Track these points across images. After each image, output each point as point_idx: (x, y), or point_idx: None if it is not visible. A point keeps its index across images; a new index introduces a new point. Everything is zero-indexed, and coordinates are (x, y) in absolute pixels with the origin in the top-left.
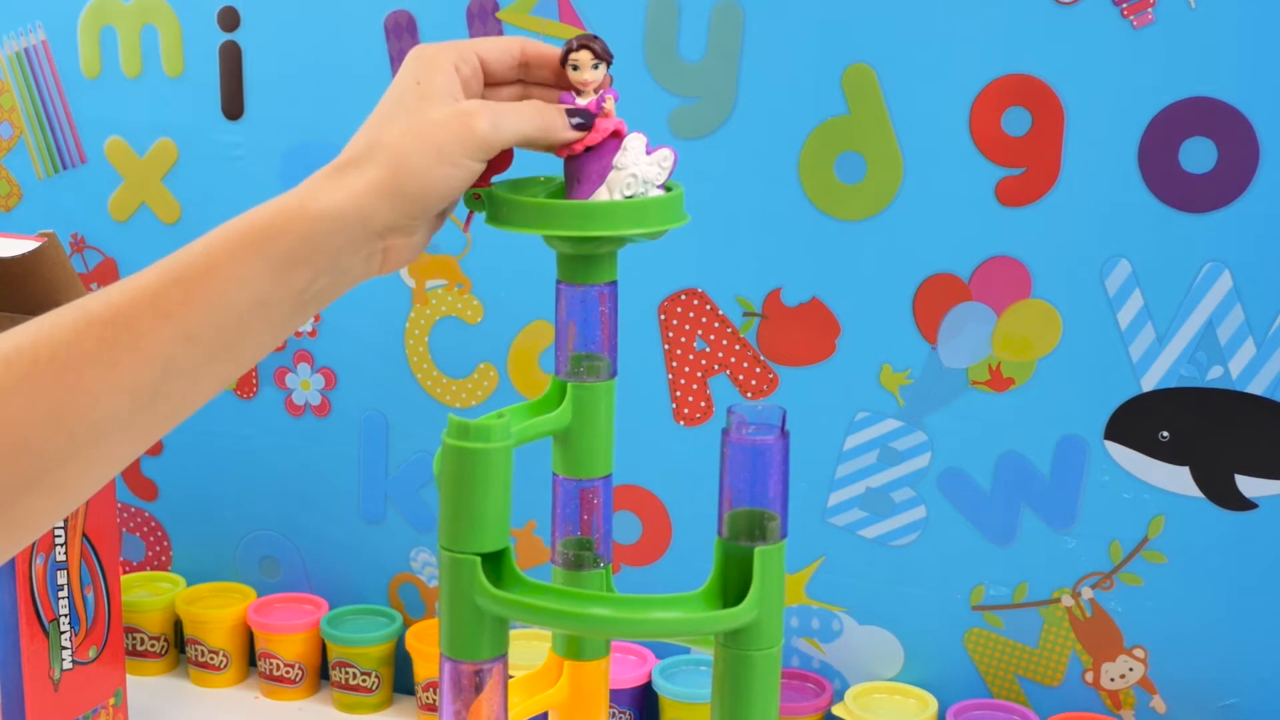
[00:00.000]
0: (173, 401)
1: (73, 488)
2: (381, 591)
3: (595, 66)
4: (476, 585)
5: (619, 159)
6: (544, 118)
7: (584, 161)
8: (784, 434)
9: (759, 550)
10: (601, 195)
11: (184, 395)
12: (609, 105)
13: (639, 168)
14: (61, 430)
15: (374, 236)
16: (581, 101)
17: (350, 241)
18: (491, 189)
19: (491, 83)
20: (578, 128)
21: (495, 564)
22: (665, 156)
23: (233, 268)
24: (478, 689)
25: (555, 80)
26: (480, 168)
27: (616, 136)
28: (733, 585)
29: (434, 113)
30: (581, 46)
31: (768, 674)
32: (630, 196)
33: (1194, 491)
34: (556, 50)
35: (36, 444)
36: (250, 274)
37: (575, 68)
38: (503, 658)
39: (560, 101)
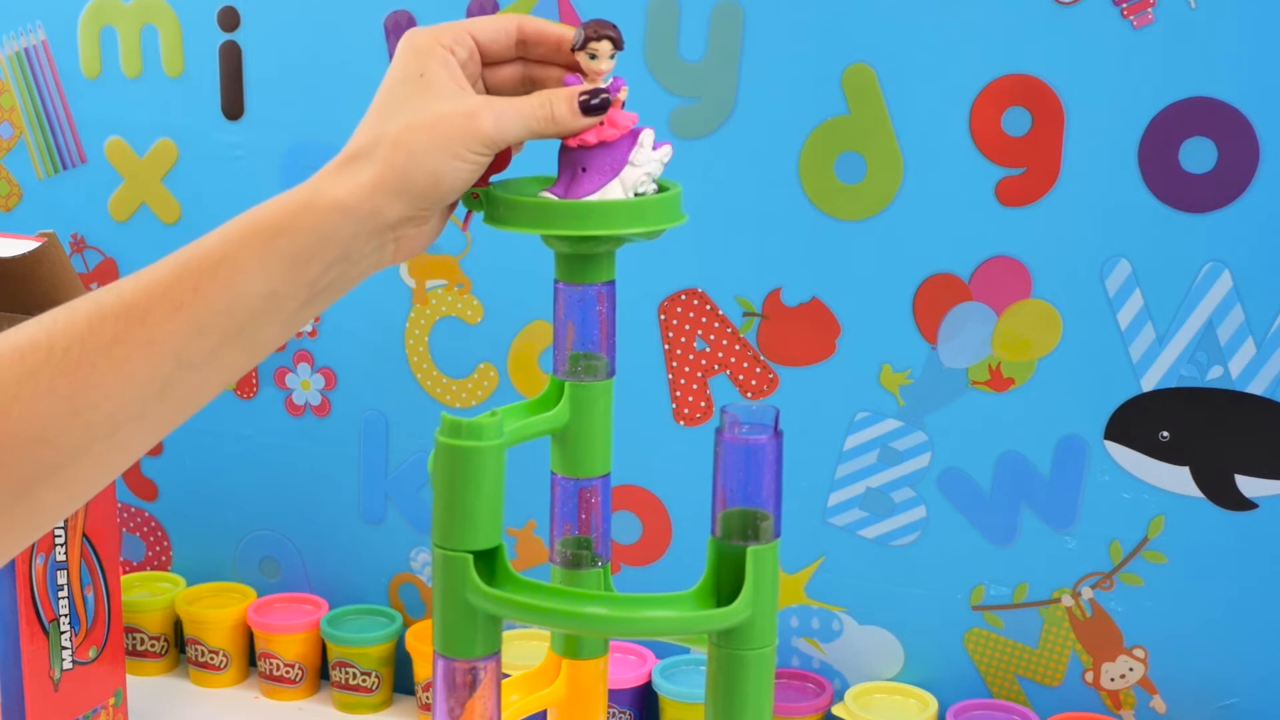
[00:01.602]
0: (185, 393)
1: (86, 480)
2: (381, 591)
3: (612, 56)
4: (469, 583)
5: (635, 155)
6: (552, 109)
7: (595, 154)
8: (777, 433)
9: (752, 550)
10: (614, 190)
11: (196, 387)
12: (624, 96)
13: (651, 165)
14: (77, 422)
15: (385, 229)
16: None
17: (361, 234)
18: (490, 188)
19: (489, 63)
20: (592, 111)
21: (488, 561)
22: (666, 153)
23: (244, 260)
24: (472, 686)
25: (556, 57)
26: (487, 160)
27: (631, 137)
28: (726, 585)
29: (438, 106)
30: (603, 36)
31: (761, 673)
32: (641, 194)
33: (1194, 491)
34: (556, 27)
35: (52, 436)
36: (261, 267)
37: (593, 56)
38: (496, 655)
39: (565, 83)
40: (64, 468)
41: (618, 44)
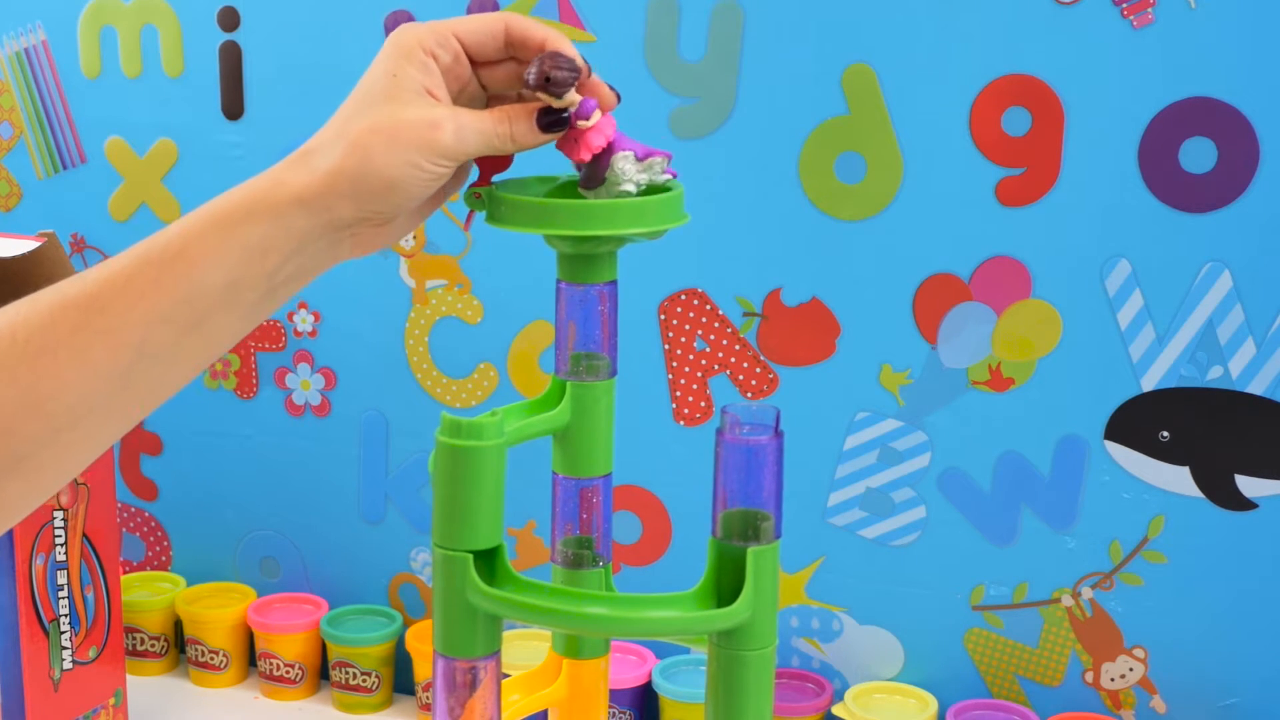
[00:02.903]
0: (147, 384)
1: (50, 472)
2: (381, 591)
3: (560, 97)
4: (469, 582)
5: (609, 174)
6: (511, 126)
7: (581, 168)
8: (778, 434)
9: (752, 550)
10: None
11: (158, 379)
12: (580, 124)
13: (630, 184)
14: (39, 414)
15: (340, 226)
16: None
17: (315, 229)
18: (492, 188)
19: (480, 63)
20: (550, 129)
21: (488, 561)
22: (656, 163)
23: (204, 250)
24: (472, 686)
25: None
26: (447, 172)
27: (607, 152)
28: (727, 585)
29: (404, 112)
30: (538, 87)
31: (761, 674)
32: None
33: (1194, 491)
34: (541, 29)
35: (16, 427)
36: (221, 256)
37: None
38: (496, 655)
39: None
40: (28, 458)
41: (555, 92)
